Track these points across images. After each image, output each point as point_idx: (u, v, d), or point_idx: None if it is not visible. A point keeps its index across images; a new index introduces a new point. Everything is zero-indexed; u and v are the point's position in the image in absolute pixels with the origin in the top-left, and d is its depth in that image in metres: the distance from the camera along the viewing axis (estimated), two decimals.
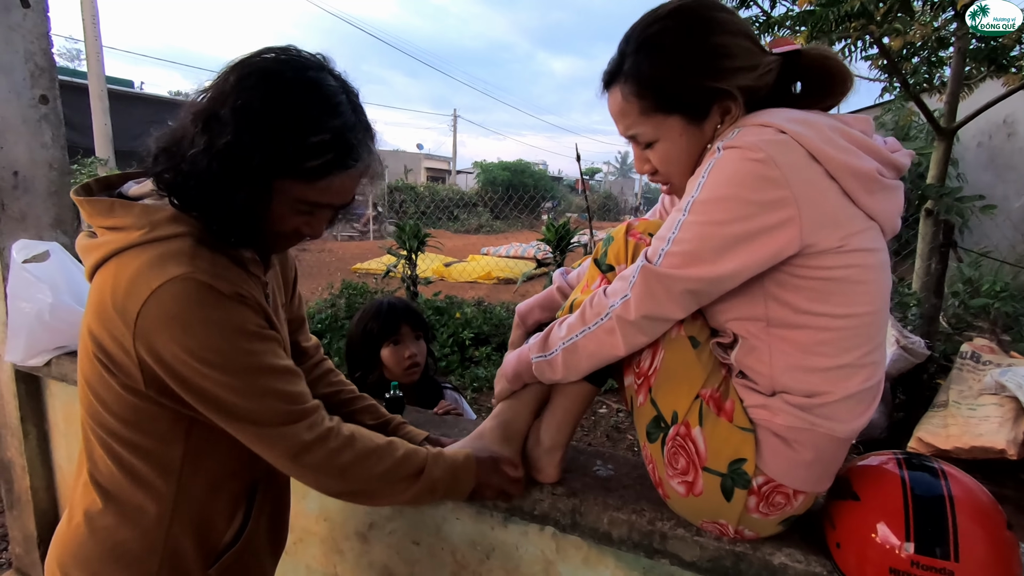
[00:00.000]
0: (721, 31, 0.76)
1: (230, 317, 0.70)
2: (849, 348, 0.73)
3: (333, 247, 12.22)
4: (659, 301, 0.75)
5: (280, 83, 0.69)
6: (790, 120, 0.72)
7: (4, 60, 1.63)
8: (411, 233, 4.73)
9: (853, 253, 0.71)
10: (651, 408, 0.82)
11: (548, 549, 1.05)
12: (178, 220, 0.71)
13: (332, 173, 0.71)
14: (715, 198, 0.71)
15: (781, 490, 0.78)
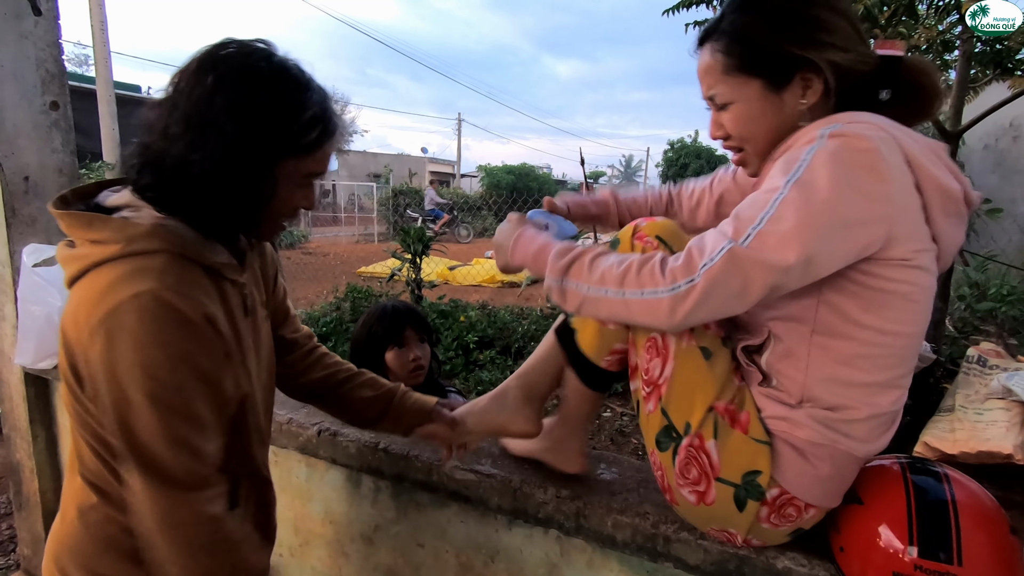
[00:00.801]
0: (823, 5, 0.75)
1: (186, 345, 0.68)
2: (887, 367, 0.73)
3: (338, 251, 12.26)
4: (731, 291, 0.66)
5: (260, 76, 0.73)
6: (891, 125, 0.72)
7: (16, 67, 1.66)
8: (415, 237, 4.75)
9: (916, 270, 0.70)
10: (662, 417, 0.82)
11: (552, 552, 1.06)
12: (155, 235, 0.71)
13: (325, 142, 0.77)
14: (821, 179, 0.66)
15: (794, 503, 0.78)
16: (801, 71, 0.76)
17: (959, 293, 4.09)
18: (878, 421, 0.74)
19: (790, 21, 0.75)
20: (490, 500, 1.06)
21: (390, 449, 1.17)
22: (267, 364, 0.95)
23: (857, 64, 0.75)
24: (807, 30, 0.75)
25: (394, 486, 1.22)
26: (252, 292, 0.89)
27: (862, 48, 0.76)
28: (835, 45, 0.74)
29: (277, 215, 0.81)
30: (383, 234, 16.41)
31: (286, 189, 0.77)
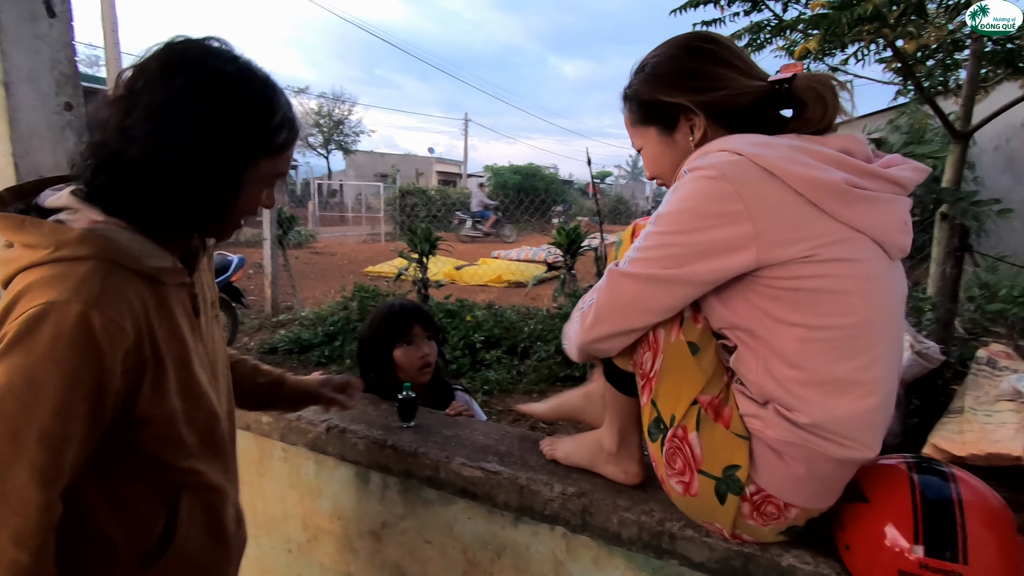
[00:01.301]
0: (696, 57, 0.86)
1: (82, 364, 0.65)
2: (834, 361, 0.73)
3: (345, 250, 12.32)
4: (618, 306, 0.81)
5: (229, 78, 0.74)
6: (749, 143, 0.77)
7: (31, 69, 1.68)
8: (423, 236, 4.77)
9: (826, 263, 0.72)
10: (652, 409, 0.84)
11: (558, 549, 1.07)
12: (85, 241, 0.69)
13: (292, 142, 0.81)
14: (674, 211, 0.77)
15: (772, 501, 0.79)
16: (683, 113, 0.87)
17: (969, 294, 4.06)
18: (853, 426, 0.73)
19: (664, 76, 0.88)
20: (497, 497, 1.07)
21: (398, 446, 1.18)
22: (222, 363, 0.94)
23: (733, 98, 0.84)
24: (678, 81, 0.86)
25: (402, 483, 1.23)
26: (203, 292, 0.89)
27: (739, 83, 0.84)
28: (704, 88, 0.84)
29: (240, 214, 0.83)
30: (390, 234, 16.46)
31: (252, 189, 0.80)
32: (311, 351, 4.62)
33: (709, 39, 0.89)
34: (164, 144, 0.70)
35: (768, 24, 4.15)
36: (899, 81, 4.61)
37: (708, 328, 0.83)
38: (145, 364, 0.72)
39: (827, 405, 0.73)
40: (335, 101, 26.84)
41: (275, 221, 5.99)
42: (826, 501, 0.80)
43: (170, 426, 0.78)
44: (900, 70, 4.30)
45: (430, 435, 1.22)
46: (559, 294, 4.85)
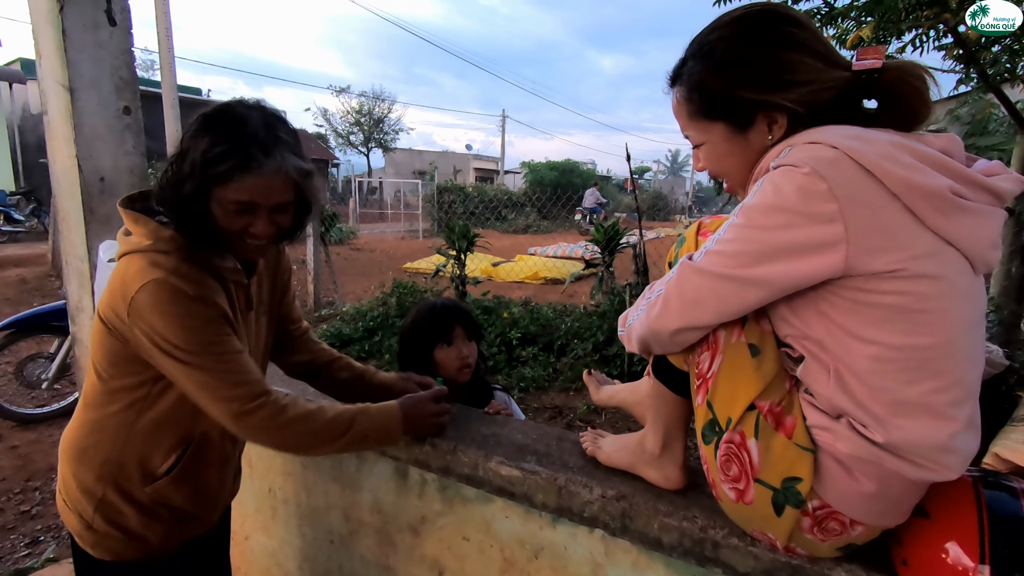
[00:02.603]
0: (776, 44, 0.76)
1: (190, 311, 0.93)
2: (909, 382, 0.68)
3: (384, 247, 12.53)
4: (686, 300, 0.76)
5: (204, 118, 0.94)
6: (844, 136, 0.70)
7: (93, 75, 1.77)
8: (460, 233, 4.80)
9: (913, 279, 0.67)
10: (707, 410, 0.81)
11: (597, 551, 1.05)
12: (173, 239, 0.95)
13: (237, 175, 0.90)
14: (760, 204, 0.71)
15: (837, 517, 0.75)
16: (762, 111, 0.78)
17: None
18: (929, 448, 0.68)
19: (742, 68, 0.77)
20: (535, 497, 1.07)
21: (437, 443, 1.19)
22: (261, 352, 1.19)
23: (820, 93, 0.75)
24: (760, 74, 0.76)
25: (440, 479, 1.24)
26: (259, 293, 1.14)
27: (825, 74, 0.75)
28: (792, 82, 0.75)
29: (230, 237, 0.97)
30: (427, 230, 16.66)
31: (221, 213, 0.94)
32: (351, 345, 4.72)
33: (788, 19, 0.77)
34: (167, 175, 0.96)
35: (818, 12, 3.99)
36: (961, 69, 4.35)
37: (771, 332, 0.79)
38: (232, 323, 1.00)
39: (902, 426, 0.68)
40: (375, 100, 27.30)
41: (318, 218, 6.14)
42: (896, 520, 0.76)
43: None
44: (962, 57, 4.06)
45: (468, 433, 1.23)
46: (597, 291, 4.81)
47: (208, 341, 0.94)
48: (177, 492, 1.07)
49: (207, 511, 1.16)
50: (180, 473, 1.06)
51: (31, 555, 2.23)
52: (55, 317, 3.34)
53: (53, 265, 7.66)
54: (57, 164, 1.85)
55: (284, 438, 1.00)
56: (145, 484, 1.04)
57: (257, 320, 1.14)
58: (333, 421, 1.03)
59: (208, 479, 1.12)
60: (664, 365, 0.92)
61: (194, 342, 0.92)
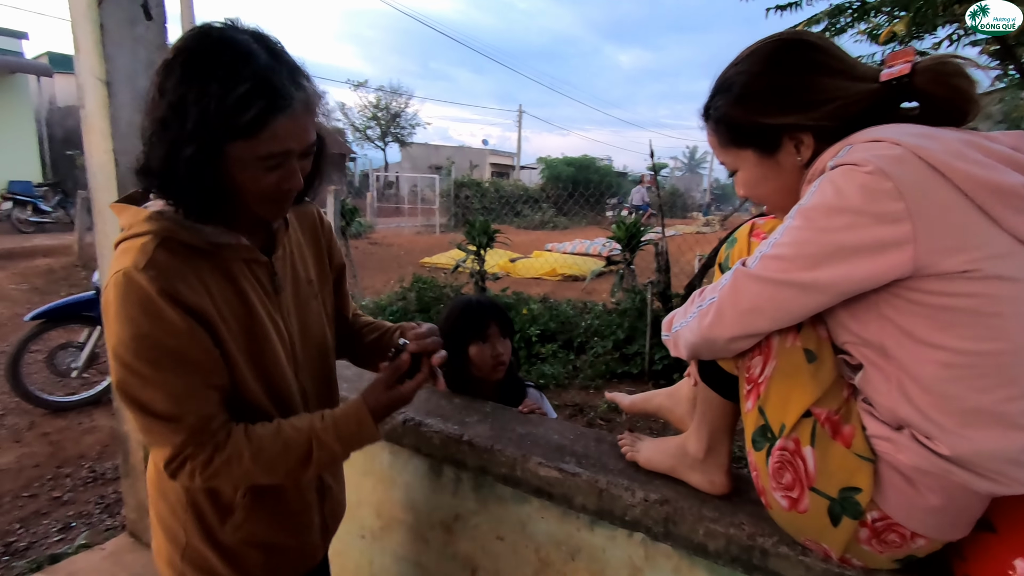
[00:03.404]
0: (789, 70, 0.78)
1: (145, 318, 0.74)
2: (979, 389, 0.65)
3: (401, 241, 12.59)
4: (741, 308, 0.74)
5: (189, 54, 0.71)
6: (908, 133, 0.68)
7: (130, 70, 1.79)
8: (480, 229, 4.80)
9: (986, 280, 0.64)
10: (758, 416, 0.79)
11: (636, 555, 1.04)
12: (149, 220, 0.77)
13: (270, 120, 0.71)
14: (822, 205, 0.68)
15: (897, 529, 0.72)
16: (787, 133, 0.79)
17: None
18: (998, 460, 0.65)
19: (758, 97, 0.79)
20: (574, 499, 1.06)
21: (474, 442, 1.18)
22: (313, 340, 0.98)
23: (846, 108, 0.75)
24: (776, 101, 0.78)
25: (476, 478, 1.24)
26: (289, 271, 0.94)
27: (850, 90, 0.75)
28: (812, 102, 0.76)
29: (255, 199, 0.79)
30: (444, 225, 16.69)
31: (247, 174, 0.75)
32: None
33: (802, 44, 0.79)
34: (148, 135, 0.74)
35: (850, 6, 3.90)
36: (997, 65, 4.23)
37: (828, 338, 0.77)
38: (212, 321, 0.80)
39: (970, 437, 0.65)
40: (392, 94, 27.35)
41: (339, 212, 6.17)
42: (959, 533, 0.74)
43: (241, 393, 0.85)
44: (999, 52, 3.95)
45: (504, 432, 1.22)
46: (617, 289, 4.78)
47: (149, 358, 0.75)
48: (259, 523, 0.93)
49: (299, 537, 1.00)
50: (254, 500, 0.91)
51: (63, 540, 2.28)
52: (85, 307, 3.40)
53: (79, 255, 7.81)
54: (94, 158, 1.87)
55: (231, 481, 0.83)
56: (224, 521, 0.91)
57: (302, 304, 0.95)
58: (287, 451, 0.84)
59: (286, 501, 0.96)
60: (711, 368, 0.91)
61: (132, 352, 0.74)
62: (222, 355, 0.81)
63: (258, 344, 0.86)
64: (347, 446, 0.88)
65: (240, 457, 0.81)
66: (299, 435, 0.85)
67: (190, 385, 0.78)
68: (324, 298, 1.02)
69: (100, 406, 3.49)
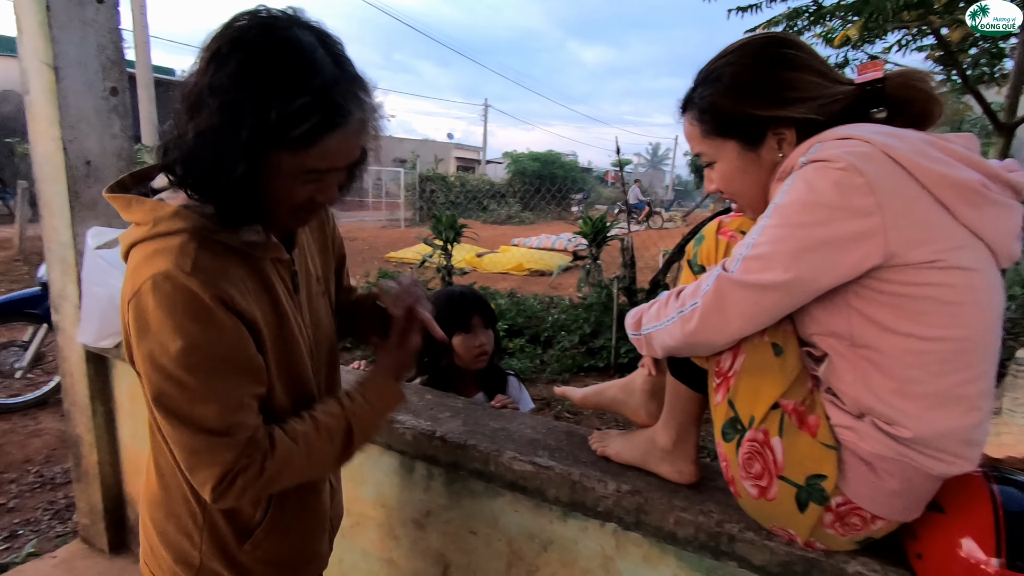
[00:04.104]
0: (779, 65, 0.81)
1: (197, 325, 0.68)
2: (940, 374, 0.70)
3: (365, 236, 12.38)
4: (726, 315, 0.74)
5: (249, 52, 0.65)
6: (875, 132, 0.72)
7: (79, 54, 1.70)
8: (448, 224, 4.77)
9: (949, 271, 0.68)
10: (728, 409, 0.82)
11: (608, 545, 1.06)
12: (180, 216, 0.72)
13: (323, 136, 0.67)
14: (795, 201, 0.71)
15: (859, 513, 0.76)
16: (771, 127, 0.81)
17: (1010, 293, 3.95)
18: (954, 439, 0.71)
19: (749, 88, 0.81)
20: (547, 491, 1.07)
21: (447, 437, 1.18)
22: (326, 338, 0.95)
23: (826, 106, 0.79)
24: (766, 93, 0.80)
25: (448, 473, 1.24)
26: (305, 269, 0.91)
27: (830, 89, 0.79)
28: (797, 99, 0.79)
29: (284, 208, 0.75)
30: (409, 219, 16.51)
31: (285, 183, 0.71)
32: None
33: (789, 43, 0.83)
34: (189, 123, 0.67)
35: (806, 10, 4.05)
36: (940, 70, 4.47)
37: (793, 332, 0.80)
38: (256, 324, 0.76)
39: (930, 419, 0.70)
40: None
41: None
42: (914, 514, 0.78)
43: (270, 394, 0.80)
44: (943, 59, 4.16)
45: (477, 427, 1.23)
46: (584, 284, 4.83)
47: (201, 369, 0.69)
48: (278, 539, 0.89)
49: (312, 547, 0.98)
50: (275, 516, 0.88)
51: (10, 550, 2.16)
52: (29, 304, 3.23)
53: (20, 249, 7.38)
54: (39, 147, 1.77)
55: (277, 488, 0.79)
56: (242, 541, 0.86)
57: (313, 302, 0.92)
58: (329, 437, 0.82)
59: (306, 512, 0.94)
60: (680, 362, 0.93)
61: (182, 365, 0.68)
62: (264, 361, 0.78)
63: (288, 347, 0.83)
64: (381, 415, 0.90)
65: (291, 459, 0.77)
66: (336, 421, 0.83)
67: (242, 396, 0.73)
68: (329, 293, 1.00)
69: (46, 408, 3.32)
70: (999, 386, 2.96)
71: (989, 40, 3.92)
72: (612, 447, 1.10)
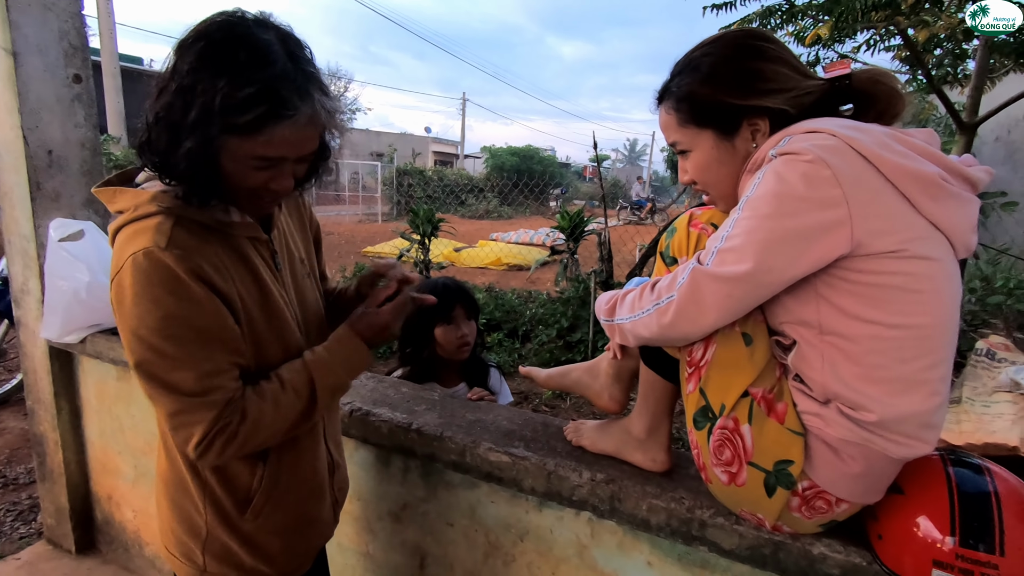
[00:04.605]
0: (755, 57, 0.83)
1: (172, 297, 0.74)
2: (903, 360, 0.72)
3: (342, 230, 12.23)
4: (701, 307, 0.75)
5: (207, 43, 0.71)
6: (841, 126, 0.74)
7: (39, 39, 1.64)
8: (425, 218, 4.74)
9: (912, 260, 0.71)
10: (700, 397, 0.84)
11: (583, 533, 1.08)
12: (157, 199, 0.78)
13: (267, 126, 0.72)
14: (767, 195, 0.73)
15: (824, 496, 0.79)
16: (746, 118, 0.83)
17: (970, 286, 4.10)
18: (914, 423, 0.73)
19: (726, 78, 0.83)
20: (523, 482, 1.08)
21: (423, 430, 1.18)
22: (314, 317, 0.99)
23: (798, 99, 0.82)
24: (742, 83, 0.82)
25: (425, 466, 1.24)
26: (285, 250, 0.96)
27: (803, 83, 0.82)
28: (772, 90, 0.81)
29: (243, 192, 0.80)
30: (387, 214, 16.34)
31: (237, 167, 0.76)
32: None
33: (765, 37, 0.85)
34: (156, 112, 0.74)
35: (779, 9, 4.11)
36: (907, 70, 4.59)
37: (763, 321, 0.82)
38: (232, 299, 0.80)
39: (893, 403, 0.72)
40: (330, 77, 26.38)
41: None
42: (876, 497, 0.81)
43: (260, 364, 0.86)
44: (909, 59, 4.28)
45: (453, 419, 1.23)
46: (561, 278, 4.85)
47: (177, 337, 0.74)
48: (277, 508, 0.93)
49: (315, 516, 1.01)
50: (271, 485, 0.92)
51: None
52: None
53: None
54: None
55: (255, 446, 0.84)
56: (243, 511, 0.91)
57: (298, 281, 0.97)
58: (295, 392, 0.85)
59: (302, 481, 0.97)
60: (654, 352, 0.95)
61: (159, 333, 0.73)
62: (242, 334, 0.82)
63: (276, 320, 0.88)
64: (346, 371, 0.91)
65: (262, 416, 0.82)
66: (299, 375, 0.87)
67: (218, 362, 0.78)
68: (314, 274, 1.04)
69: (8, 406, 3.21)
70: (960, 375, 3.07)
71: (952, 41, 4.04)
72: (587, 437, 1.11)
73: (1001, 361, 3.01)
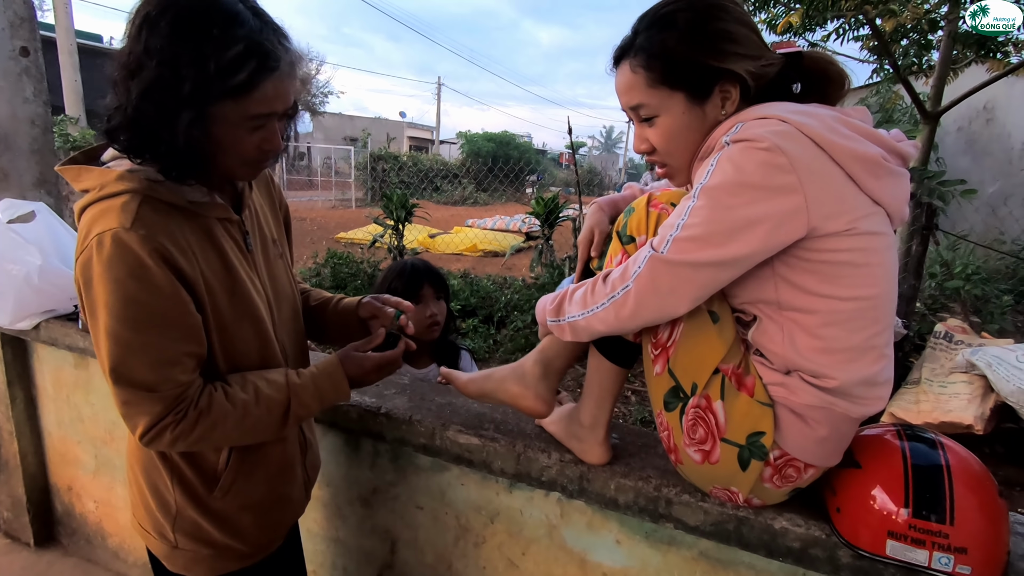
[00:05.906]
0: (729, 19, 0.81)
1: (133, 280, 0.73)
2: (856, 329, 0.76)
3: (314, 216, 12.01)
4: (661, 294, 0.75)
5: (178, 12, 0.70)
6: (792, 111, 0.76)
7: None
8: (399, 203, 4.68)
9: (861, 236, 0.74)
10: (669, 378, 0.84)
11: (553, 514, 1.09)
12: (124, 178, 0.76)
13: (261, 81, 0.73)
14: (724, 183, 0.73)
15: (794, 463, 0.81)
16: (719, 82, 0.81)
17: (930, 271, 4.24)
18: (867, 385, 0.78)
19: (701, 36, 0.80)
20: (493, 464, 1.08)
21: (392, 414, 1.17)
22: (286, 298, 0.99)
23: (766, 68, 0.82)
24: (718, 42, 0.80)
25: (394, 450, 1.23)
26: (257, 230, 0.95)
27: (768, 53, 0.82)
28: (746, 55, 0.80)
29: (234, 159, 0.79)
30: (360, 199, 16.10)
31: (230, 133, 0.76)
32: None
33: (735, 2, 0.83)
34: (128, 87, 0.72)
35: None
36: (875, 60, 4.68)
37: (726, 299, 0.83)
38: (196, 284, 0.79)
39: (849, 369, 0.76)
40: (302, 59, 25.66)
41: None
42: (837, 459, 0.84)
43: (227, 349, 0.85)
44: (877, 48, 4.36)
45: (423, 403, 1.22)
46: (536, 264, 4.85)
47: (134, 322, 0.73)
48: (246, 485, 0.93)
49: (286, 493, 1.01)
50: (239, 463, 0.91)
51: None
52: None
53: None
54: None
55: (211, 444, 0.84)
56: (211, 489, 0.90)
57: (271, 263, 0.96)
58: (269, 411, 0.85)
59: (270, 461, 0.96)
60: (607, 338, 0.93)
61: (116, 317, 0.72)
62: (203, 321, 0.81)
63: (245, 304, 0.87)
64: (322, 405, 0.92)
65: (224, 421, 0.81)
66: (278, 394, 0.87)
67: (171, 352, 0.77)
68: (286, 256, 1.04)
69: None
70: (919, 357, 3.19)
71: (918, 31, 4.12)
72: (549, 420, 1.10)
73: (958, 344, 3.13)
